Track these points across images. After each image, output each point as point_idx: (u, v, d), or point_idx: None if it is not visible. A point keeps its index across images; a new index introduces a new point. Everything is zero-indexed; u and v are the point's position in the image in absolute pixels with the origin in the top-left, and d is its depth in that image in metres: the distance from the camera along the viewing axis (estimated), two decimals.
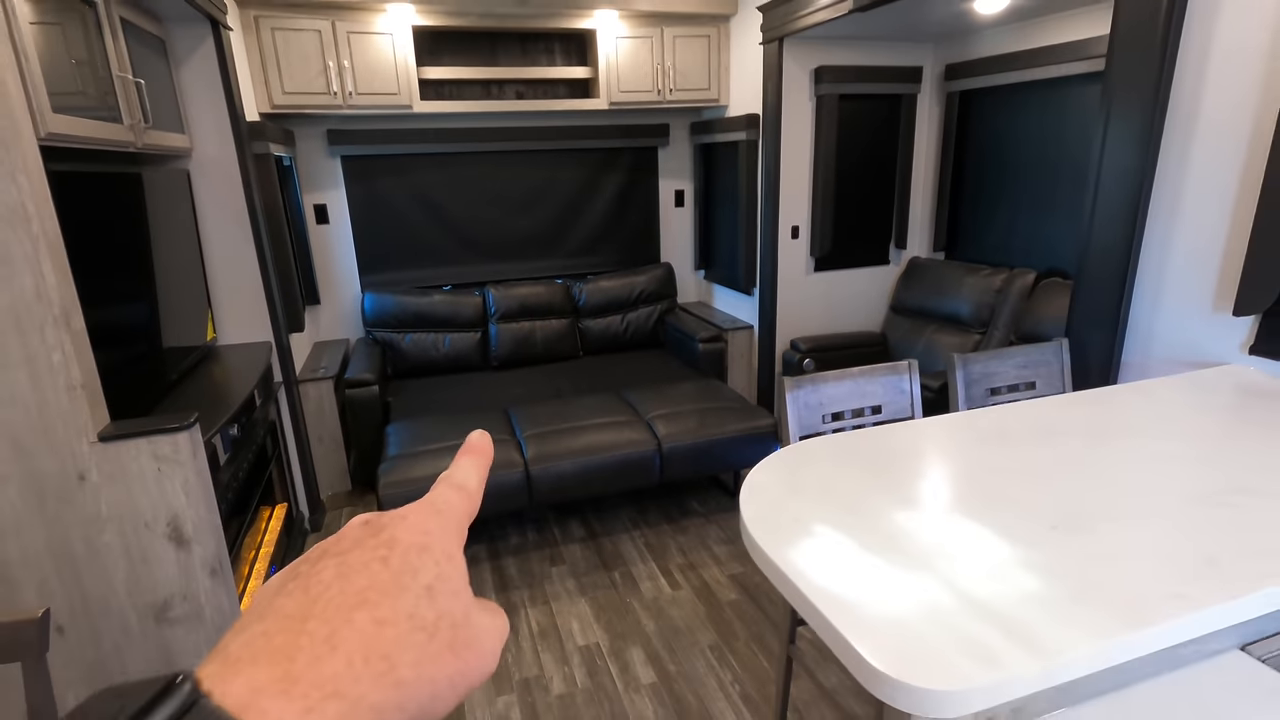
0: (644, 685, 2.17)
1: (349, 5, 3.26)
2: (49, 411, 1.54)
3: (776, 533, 1.00)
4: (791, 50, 3.38)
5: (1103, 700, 0.90)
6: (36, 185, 1.45)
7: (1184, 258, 1.76)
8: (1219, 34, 1.62)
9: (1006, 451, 1.27)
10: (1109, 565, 0.91)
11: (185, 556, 1.73)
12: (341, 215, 3.88)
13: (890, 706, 0.74)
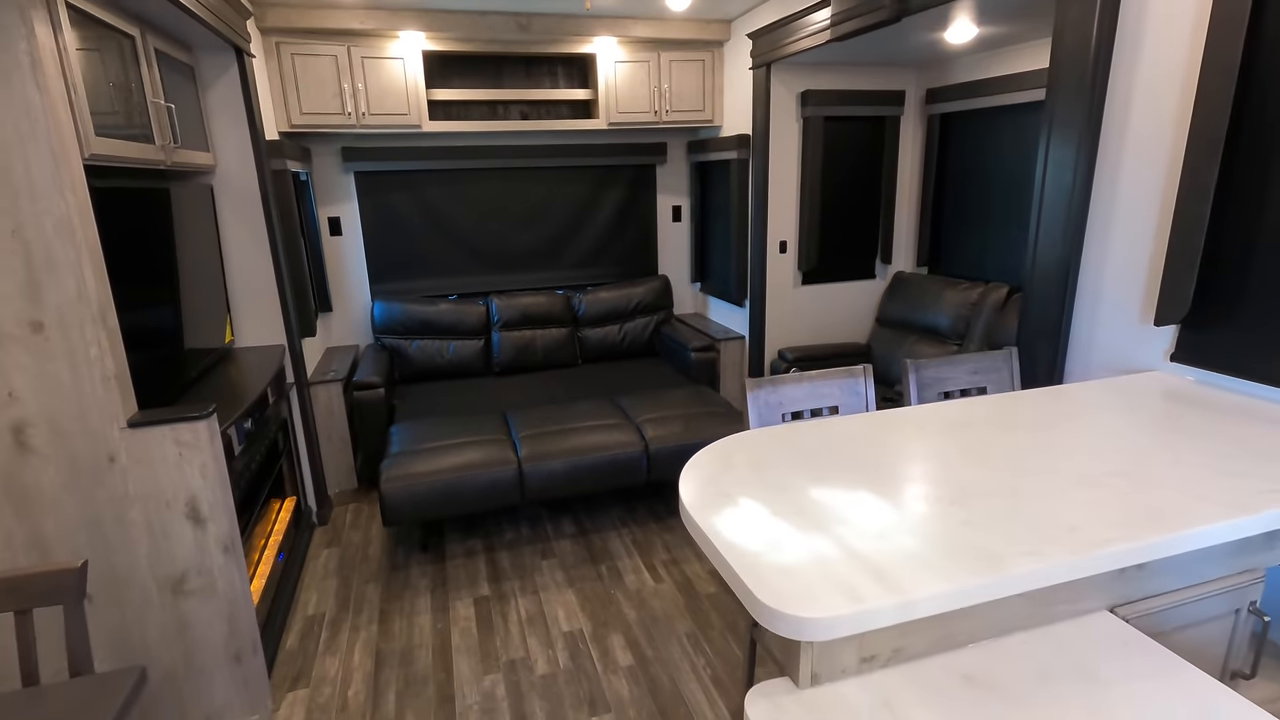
0: (622, 667, 2.32)
1: (364, 32, 3.49)
2: (85, 399, 1.74)
3: (704, 502, 1.16)
4: (779, 75, 3.57)
5: (980, 646, 1.05)
6: (81, 200, 1.66)
7: (1116, 274, 1.91)
8: (1140, 71, 1.78)
9: (921, 441, 1.42)
10: (982, 530, 1.07)
11: (201, 534, 1.92)
12: (354, 227, 4.10)
13: (769, 633, 0.90)
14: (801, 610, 0.87)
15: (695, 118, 4.13)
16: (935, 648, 1.03)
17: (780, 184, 3.73)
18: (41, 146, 1.58)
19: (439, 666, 2.35)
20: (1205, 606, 1.19)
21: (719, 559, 1.01)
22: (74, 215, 1.64)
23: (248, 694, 2.08)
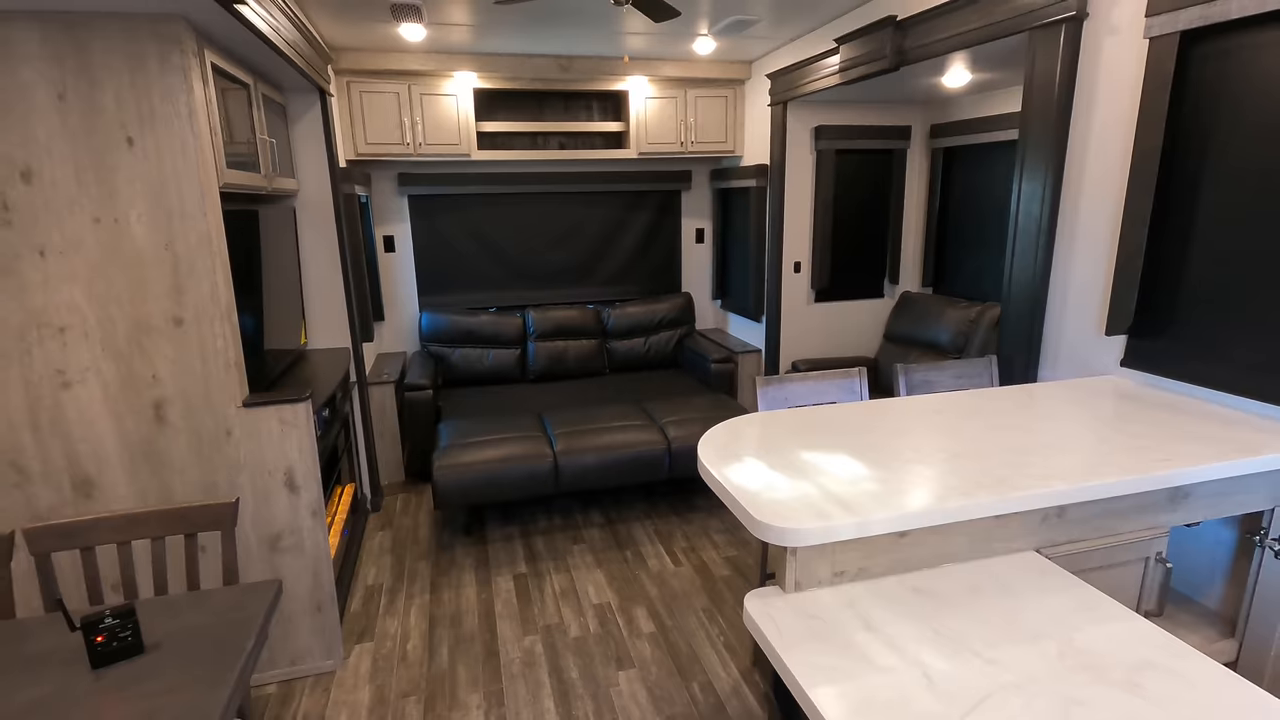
0: (644, 634, 2.62)
1: (423, 72, 3.92)
2: (211, 383, 2.12)
3: (717, 459, 1.49)
4: (794, 111, 3.93)
5: (929, 570, 1.36)
6: (216, 220, 2.05)
7: (1078, 291, 2.21)
8: (1095, 118, 2.09)
9: (897, 422, 1.73)
10: (930, 480, 1.38)
11: (295, 499, 2.28)
12: (406, 245, 4.51)
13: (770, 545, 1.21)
14: (784, 524, 1.19)
15: (718, 149, 4.50)
16: (892, 570, 1.34)
17: (795, 210, 4.07)
18: (192, 177, 1.99)
19: (484, 628, 2.68)
20: (1118, 553, 1.49)
21: (726, 495, 1.34)
22: (212, 232, 2.04)
23: (324, 642, 2.43)
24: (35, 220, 1.90)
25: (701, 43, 3.81)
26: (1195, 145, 1.84)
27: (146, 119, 1.92)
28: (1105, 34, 2.03)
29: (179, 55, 1.90)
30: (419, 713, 2.24)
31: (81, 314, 1.98)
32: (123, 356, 2.04)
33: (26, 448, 2.02)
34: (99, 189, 1.93)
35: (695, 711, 2.22)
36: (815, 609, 1.23)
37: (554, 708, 2.25)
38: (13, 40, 1.80)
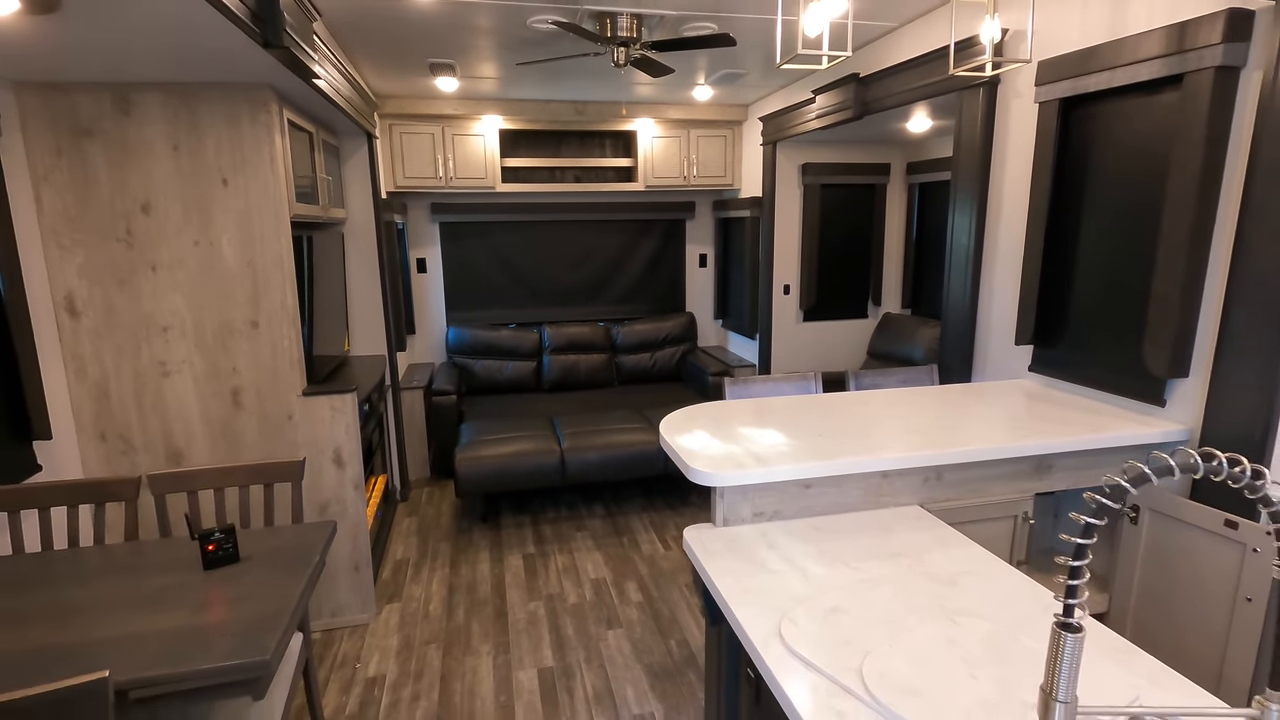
0: (633, 602, 3.02)
1: (455, 116, 4.47)
2: (278, 375, 2.61)
3: (673, 430, 1.91)
4: (783, 150, 4.39)
5: (829, 515, 1.76)
6: (287, 244, 2.55)
7: (999, 309, 2.60)
8: (1007, 166, 2.51)
9: (826, 410, 2.13)
10: (831, 445, 1.78)
11: (341, 474, 2.75)
12: (436, 266, 5.03)
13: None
14: (709, 470, 1.62)
15: (718, 182, 4.97)
16: (800, 514, 1.75)
17: (784, 238, 4.51)
18: (269, 209, 2.49)
19: (495, 595, 3.10)
20: (990, 510, 1.87)
21: (673, 453, 1.76)
22: (283, 253, 2.54)
23: (360, 598, 2.88)
24: (150, 243, 2.42)
25: (700, 90, 4.30)
26: (1074, 189, 2.25)
27: (239, 164, 2.44)
28: (1012, 97, 2.46)
29: (265, 114, 2.42)
30: (439, 656, 2.66)
31: (181, 317, 2.49)
32: (210, 352, 2.54)
33: (133, 424, 2.52)
34: (199, 218, 2.44)
35: (670, 661, 2.61)
36: (735, 537, 1.64)
37: (551, 655, 2.66)
38: (143, 105, 2.33)
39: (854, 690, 1.08)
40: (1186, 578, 1.86)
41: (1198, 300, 1.87)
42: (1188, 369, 1.90)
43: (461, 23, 2.88)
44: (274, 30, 1.86)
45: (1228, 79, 1.74)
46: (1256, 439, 1.72)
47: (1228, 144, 1.77)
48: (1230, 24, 1.69)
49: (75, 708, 1.07)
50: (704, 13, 2.84)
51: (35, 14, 1.55)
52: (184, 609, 1.54)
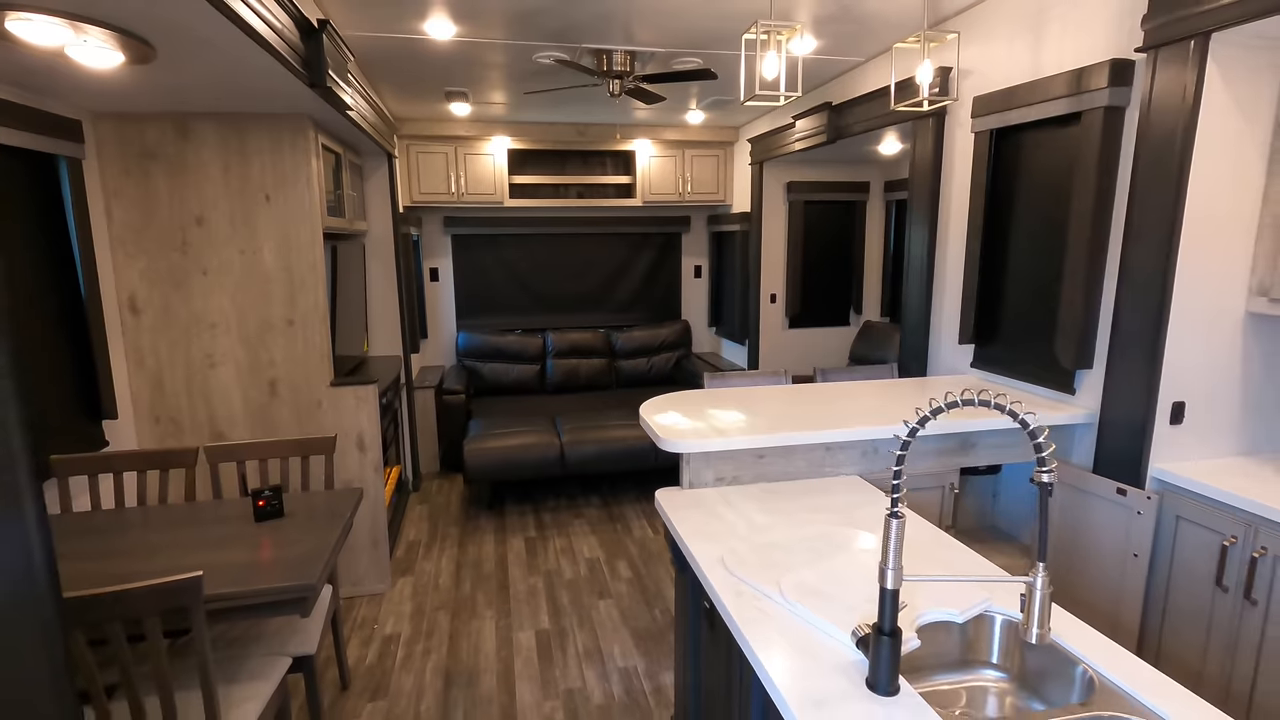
0: (623, 578, 3.34)
1: (467, 137, 4.85)
2: (310, 368, 2.96)
3: (651, 411, 2.24)
4: (770, 169, 4.74)
5: (780, 481, 2.08)
6: (320, 252, 2.91)
7: (948, 312, 2.92)
8: (954, 184, 2.84)
9: (788, 397, 2.45)
10: (784, 423, 2.10)
11: (363, 457, 3.09)
12: (448, 276, 5.40)
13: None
14: (676, 439, 1.94)
15: (711, 199, 5.32)
16: (755, 480, 2.07)
17: (771, 250, 4.85)
18: (305, 222, 2.85)
19: (499, 570, 3.42)
20: (923, 481, 2.19)
21: (648, 427, 2.09)
22: (317, 260, 2.89)
23: (378, 570, 3.20)
24: (202, 251, 2.78)
25: (692, 114, 4.67)
26: (1004, 207, 2.58)
27: (279, 183, 2.80)
28: (956, 126, 2.80)
29: (304, 140, 2.79)
30: (448, 620, 2.98)
31: (226, 315, 2.85)
32: (251, 346, 2.89)
33: (183, 408, 2.87)
34: (245, 230, 2.80)
35: (654, 626, 2.92)
36: (698, 496, 1.97)
37: (548, 620, 2.97)
38: (199, 131, 2.70)
39: (773, 596, 1.41)
40: (1089, 539, 2.17)
41: (1097, 303, 2.19)
42: (1091, 361, 2.22)
43: (475, 58, 3.25)
44: (319, 73, 2.23)
45: (1115, 117, 2.07)
46: (1140, 417, 2.03)
47: (1117, 172, 2.10)
48: (1114, 71, 2.03)
49: (178, 597, 1.40)
50: (690, 49, 3.20)
51: (133, 65, 1.92)
52: (243, 549, 1.87)
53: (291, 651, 1.97)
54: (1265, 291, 1.95)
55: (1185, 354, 1.99)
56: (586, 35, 2.95)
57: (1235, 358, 2.03)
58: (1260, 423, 2.10)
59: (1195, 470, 1.96)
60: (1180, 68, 1.86)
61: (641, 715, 2.38)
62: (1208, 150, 1.87)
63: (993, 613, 1.37)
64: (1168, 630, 1.99)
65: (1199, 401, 2.02)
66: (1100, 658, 1.20)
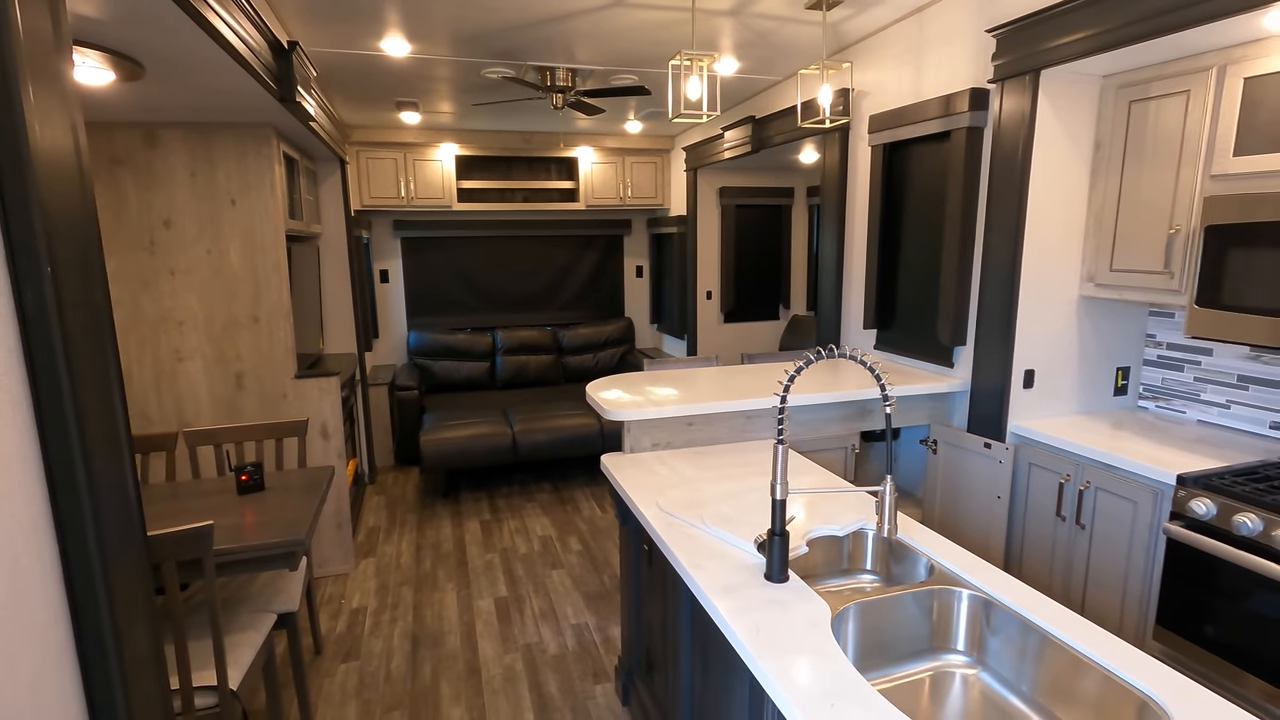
0: (574, 550, 3.63)
1: (417, 143, 5.06)
2: (275, 361, 3.15)
3: (595, 390, 2.55)
4: (704, 175, 5.12)
5: (708, 445, 2.42)
6: (282, 253, 3.11)
7: (855, 302, 3.34)
8: (857, 191, 3.26)
9: (712, 375, 2.80)
10: (709, 395, 2.44)
11: (327, 444, 3.29)
12: (398, 277, 5.58)
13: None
14: (617, 410, 2.26)
15: (650, 203, 5.67)
16: (687, 444, 2.40)
17: (706, 251, 5.23)
18: (268, 225, 3.05)
19: (457, 549, 3.66)
20: (829, 443, 2.57)
21: (593, 401, 2.40)
22: (280, 260, 3.09)
23: (341, 552, 3.41)
24: (169, 252, 2.95)
25: (631, 124, 5.01)
26: (897, 211, 3.00)
27: (244, 188, 2.99)
28: (858, 140, 3.22)
29: (268, 148, 2.99)
30: (411, 593, 3.21)
31: (194, 313, 3.02)
32: (218, 342, 3.06)
33: (151, 403, 3.02)
34: (211, 232, 2.98)
35: (603, 588, 3.23)
36: (638, 459, 2.29)
37: (505, 589, 3.24)
38: (168, 140, 2.88)
39: (697, 525, 1.74)
40: (965, 486, 2.59)
41: (967, 290, 2.62)
42: (965, 339, 2.65)
43: (426, 73, 3.50)
44: (289, 88, 2.46)
45: (976, 135, 2.50)
46: (1000, 384, 2.46)
47: (979, 181, 2.53)
48: (974, 97, 2.46)
49: (191, 544, 1.63)
50: (627, 68, 3.53)
51: (122, 82, 2.11)
52: (231, 518, 2.09)
53: (276, 609, 2.20)
54: (1092, 278, 2.41)
55: (1033, 330, 2.43)
56: (531, 54, 3.25)
57: (1072, 333, 2.48)
58: (1091, 385, 2.56)
59: (1042, 425, 2.40)
60: (1020, 96, 2.29)
61: (593, 661, 2.68)
62: (1042, 163, 2.31)
63: (867, 529, 1.74)
64: (1025, 555, 2.42)
65: (1045, 369, 2.47)
66: (940, 552, 1.58)
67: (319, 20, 2.67)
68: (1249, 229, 1.86)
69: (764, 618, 1.31)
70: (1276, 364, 2.18)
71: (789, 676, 1.14)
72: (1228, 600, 1.79)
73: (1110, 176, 2.30)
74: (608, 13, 2.72)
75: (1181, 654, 1.92)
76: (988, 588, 1.41)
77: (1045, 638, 1.26)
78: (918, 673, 1.43)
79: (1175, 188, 2.09)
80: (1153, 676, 1.11)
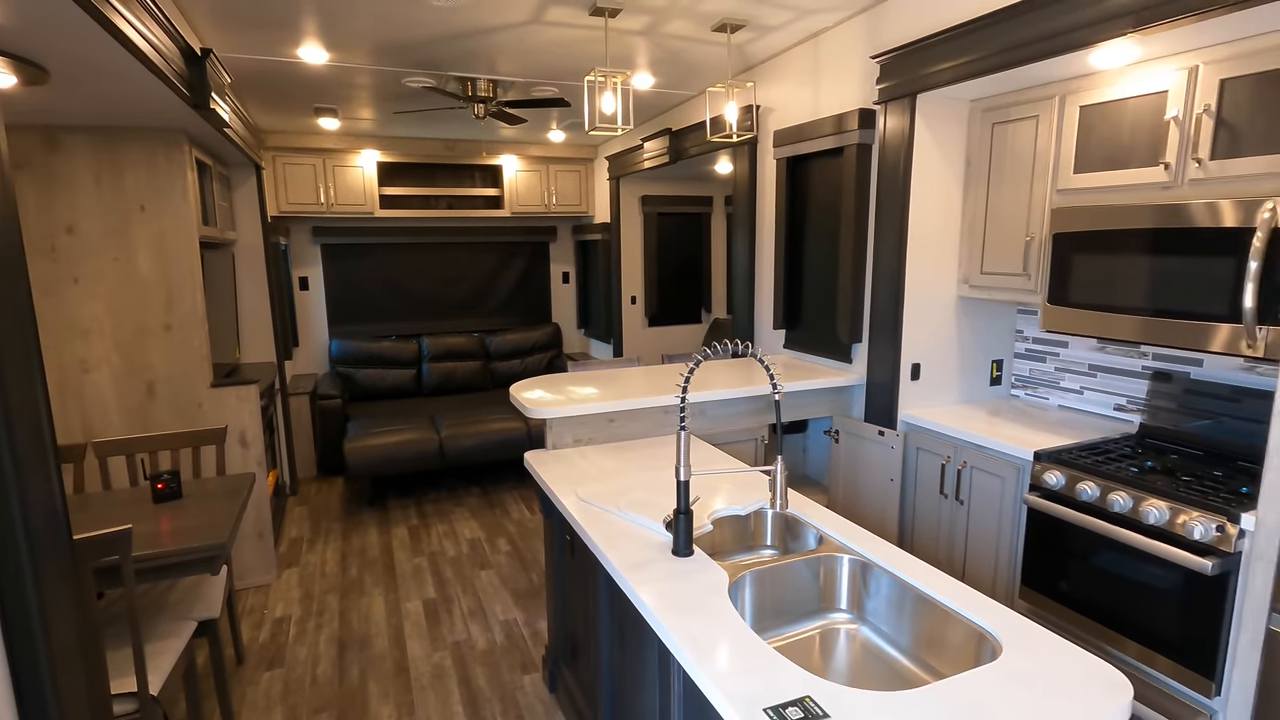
0: (503, 551, 3.70)
1: (336, 150, 5.01)
2: (189, 370, 3.09)
3: (521, 390, 2.65)
4: (626, 184, 5.28)
5: (628, 440, 2.55)
6: (196, 259, 3.06)
7: (766, 304, 3.56)
8: (765, 201, 3.48)
9: (631, 375, 2.95)
10: (626, 393, 2.59)
11: (246, 453, 3.24)
12: (318, 285, 5.48)
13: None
14: (539, 408, 2.37)
15: (575, 210, 5.79)
16: (608, 440, 2.53)
17: (630, 257, 5.39)
18: (182, 231, 3.00)
19: (384, 556, 3.67)
20: (740, 434, 2.75)
21: (518, 402, 2.50)
22: (194, 267, 3.05)
23: (263, 563, 3.36)
24: (72, 259, 2.86)
25: (554, 134, 5.12)
26: (800, 219, 3.24)
27: (155, 194, 2.94)
28: (765, 153, 3.45)
29: (179, 154, 2.95)
30: (337, 599, 3.21)
31: (100, 322, 2.93)
32: (127, 351, 2.99)
33: (55, 415, 2.91)
34: (119, 239, 2.91)
35: (531, 587, 3.31)
36: (560, 454, 2.40)
37: (434, 590, 3.28)
38: (69, 145, 2.79)
39: (613, 511, 1.87)
40: (864, 471, 2.82)
41: (862, 292, 2.86)
42: (861, 336, 2.89)
43: (345, 80, 3.51)
44: (203, 95, 2.45)
45: (865, 151, 2.75)
46: (891, 377, 2.71)
47: (869, 193, 2.78)
48: (862, 117, 2.71)
49: (109, 548, 1.64)
50: (547, 80, 3.64)
51: (27, 86, 2.07)
52: (147, 525, 2.08)
53: (196, 616, 2.19)
54: (967, 280, 2.69)
55: (918, 328, 2.69)
56: (453, 64, 3.32)
57: (952, 330, 2.76)
58: (970, 376, 2.85)
59: (928, 414, 2.66)
60: (901, 117, 2.55)
61: (521, 654, 2.77)
62: (921, 177, 2.57)
63: (766, 509, 1.92)
64: (916, 530, 2.67)
65: (929, 363, 2.73)
66: (828, 524, 1.77)
67: (234, 27, 2.67)
68: (1088, 236, 2.15)
69: (669, 587, 1.45)
70: (1118, 354, 2.51)
71: (690, 636, 1.28)
72: (1076, 559, 2.06)
73: (979, 189, 2.58)
74: (528, 29, 2.84)
75: (1042, 609, 2.19)
76: (866, 552, 1.60)
77: (910, 590, 1.45)
78: (808, 630, 1.60)
79: (1030, 200, 2.38)
80: (991, 616, 1.32)
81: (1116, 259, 2.06)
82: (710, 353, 1.61)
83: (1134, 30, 1.77)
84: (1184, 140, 1.95)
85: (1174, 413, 2.27)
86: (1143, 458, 2.11)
